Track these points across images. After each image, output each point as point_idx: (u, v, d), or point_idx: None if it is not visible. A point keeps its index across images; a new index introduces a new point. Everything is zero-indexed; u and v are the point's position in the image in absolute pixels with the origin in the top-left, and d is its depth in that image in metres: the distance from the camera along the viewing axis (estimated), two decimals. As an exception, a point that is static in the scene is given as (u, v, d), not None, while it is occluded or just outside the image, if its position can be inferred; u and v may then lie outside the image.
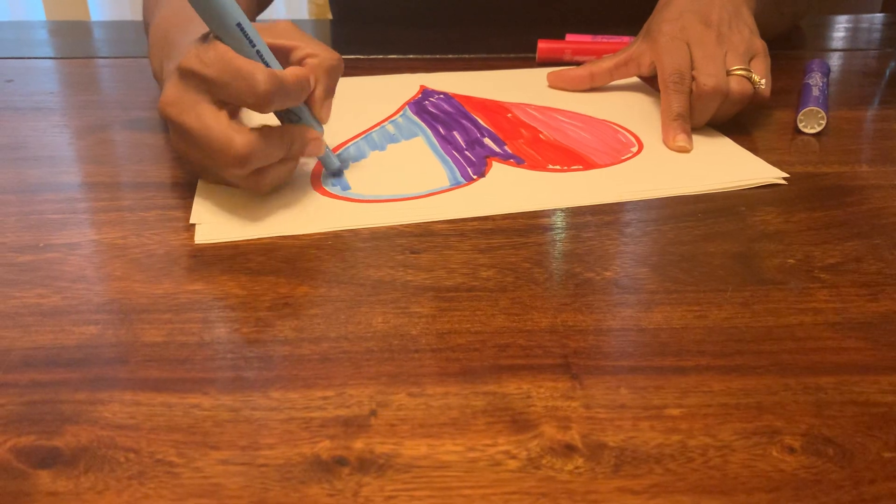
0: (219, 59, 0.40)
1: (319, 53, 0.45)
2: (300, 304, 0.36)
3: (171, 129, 0.43)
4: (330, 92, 0.46)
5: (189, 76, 0.41)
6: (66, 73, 0.71)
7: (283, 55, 0.45)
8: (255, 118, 0.47)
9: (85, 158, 0.52)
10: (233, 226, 0.43)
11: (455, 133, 0.55)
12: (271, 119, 0.45)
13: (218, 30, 0.41)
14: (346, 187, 0.47)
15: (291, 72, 0.42)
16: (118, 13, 1.72)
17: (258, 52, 0.42)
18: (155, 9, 0.57)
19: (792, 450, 0.28)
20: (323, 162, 0.49)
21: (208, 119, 0.40)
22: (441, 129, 0.56)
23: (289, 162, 0.45)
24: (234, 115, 0.42)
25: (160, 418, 0.29)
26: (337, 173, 0.49)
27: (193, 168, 0.46)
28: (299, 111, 0.45)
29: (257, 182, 0.43)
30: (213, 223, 0.43)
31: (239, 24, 0.41)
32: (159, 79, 0.50)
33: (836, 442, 0.29)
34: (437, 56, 0.74)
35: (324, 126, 0.46)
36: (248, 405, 0.30)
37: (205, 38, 0.42)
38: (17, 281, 0.38)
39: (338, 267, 0.39)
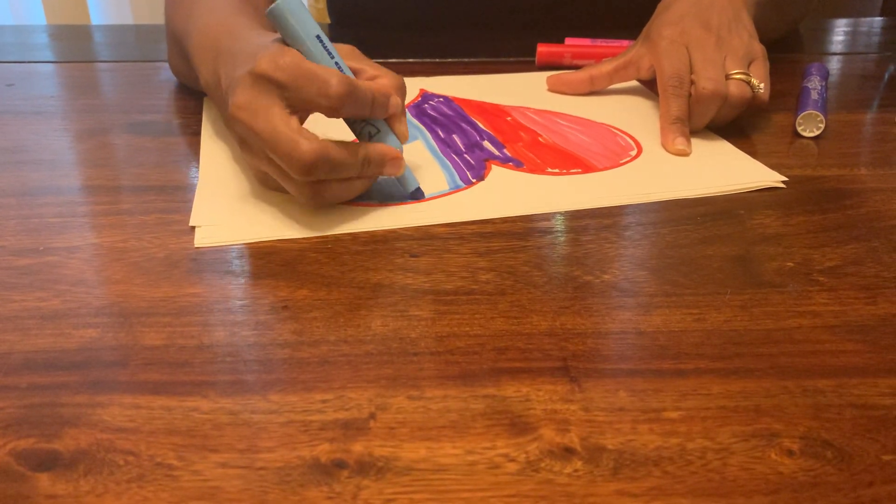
0: (293, 64, 0.41)
1: (387, 75, 0.46)
2: (299, 308, 0.36)
3: (239, 133, 0.43)
4: (404, 110, 0.46)
5: (262, 81, 0.41)
6: (67, 77, 0.71)
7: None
8: (332, 135, 0.45)
9: (85, 162, 0.53)
10: (232, 229, 0.43)
11: (454, 136, 0.56)
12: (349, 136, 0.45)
13: (297, 44, 0.42)
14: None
15: (369, 86, 0.43)
16: (119, 17, 1.72)
17: (336, 63, 0.43)
18: (190, 16, 0.56)
19: (790, 452, 0.28)
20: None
21: (278, 123, 0.40)
22: (440, 133, 0.56)
23: (357, 181, 0.44)
24: (303, 122, 0.42)
25: (159, 421, 0.30)
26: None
27: (257, 174, 0.46)
28: (379, 125, 0.44)
29: (317, 193, 0.43)
30: (212, 226, 0.43)
31: (318, 37, 0.42)
32: (209, 85, 0.50)
33: (834, 444, 0.29)
34: (437, 60, 0.74)
35: (402, 144, 0.46)
36: (248, 408, 0.30)
37: (273, 43, 0.42)
38: (18, 284, 0.38)
39: (337, 270, 0.39)
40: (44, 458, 0.28)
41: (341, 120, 0.45)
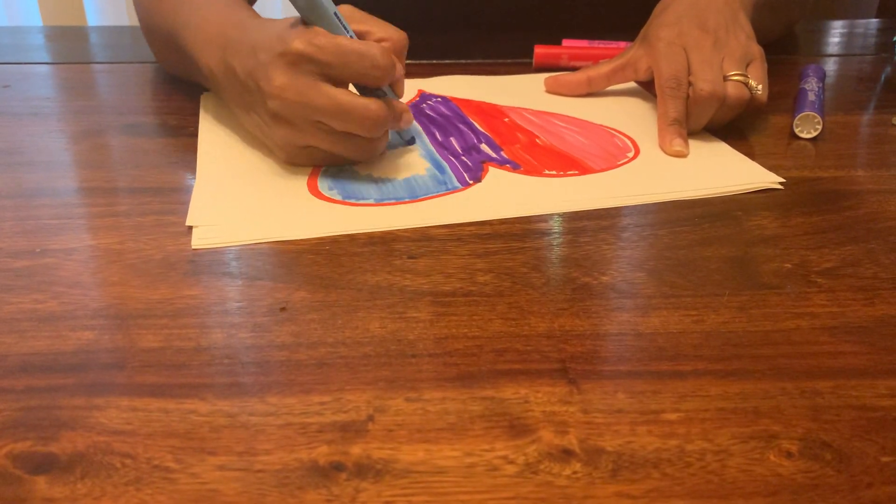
0: (332, 43, 0.44)
1: (392, 36, 0.49)
2: (297, 309, 0.36)
3: (279, 111, 0.45)
4: (403, 69, 0.50)
5: (301, 61, 0.43)
6: (63, 79, 0.71)
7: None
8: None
9: (81, 163, 0.52)
10: (230, 229, 0.43)
11: (452, 138, 0.55)
12: None
13: (319, 21, 0.45)
14: (344, 191, 0.47)
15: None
16: (115, 19, 1.72)
17: (351, 37, 0.46)
18: (180, 10, 0.57)
19: (789, 454, 0.28)
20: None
21: (337, 94, 0.44)
22: (438, 135, 0.56)
23: (387, 134, 0.49)
24: None
25: (157, 424, 0.29)
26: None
27: (288, 151, 0.48)
28: (385, 89, 0.48)
29: (374, 147, 0.48)
30: (209, 226, 0.43)
31: (336, 14, 0.45)
32: (214, 75, 0.52)
33: (833, 446, 0.29)
34: (435, 61, 0.74)
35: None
36: (245, 410, 0.30)
37: (294, 25, 0.45)
38: (14, 286, 0.38)
39: (335, 272, 0.39)
40: (41, 461, 0.28)
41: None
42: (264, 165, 0.50)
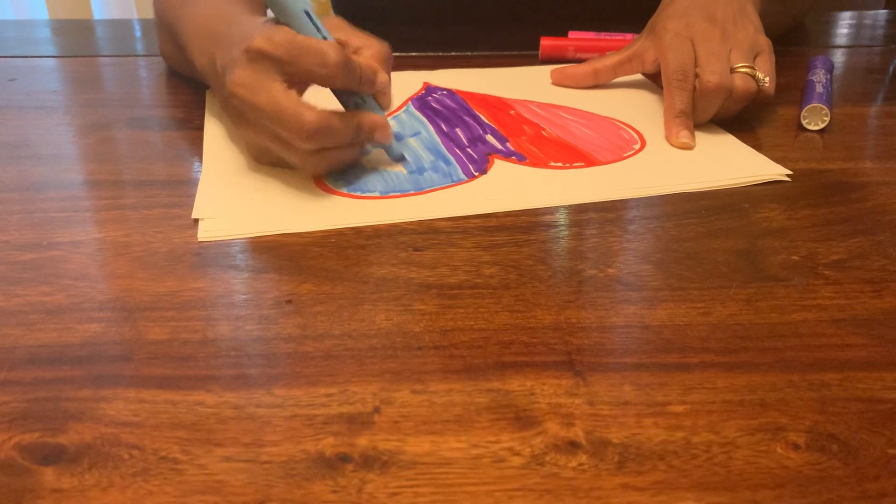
0: (288, 38, 0.43)
1: (373, 45, 0.48)
2: (303, 302, 0.36)
3: (238, 109, 0.44)
4: (388, 80, 0.49)
5: (259, 58, 0.43)
6: (69, 72, 0.71)
7: None
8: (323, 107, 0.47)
9: (88, 157, 0.53)
10: (236, 222, 0.43)
11: (457, 130, 0.55)
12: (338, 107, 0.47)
13: (288, 19, 0.44)
14: (349, 184, 0.47)
15: (358, 61, 0.45)
16: (121, 12, 1.72)
17: (324, 37, 0.45)
18: (183, 4, 0.57)
19: (796, 446, 0.28)
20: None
21: (279, 96, 0.42)
22: (444, 126, 0.56)
23: (352, 148, 0.47)
24: (301, 94, 0.44)
25: (164, 415, 0.30)
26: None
27: (252, 150, 0.48)
28: (366, 98, 0.47)
29: (318, 162, 0.45)
30: (215, 219, 0.43)
31: (306, 12, 0.44)
32: (204, 69, 0.52)
33: (840, 438, 0.28)
34: (440, 54, 0.74)
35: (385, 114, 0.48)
36: (252, 402, 0.30)
37: (267, 23, 0.44)
38: (21, 279, 0.38)
39: (341, 264, 0.39)
40: (48, 452, 0.28)
41: (329, 93, 0.47)
42: (270, 158, 0.50)
